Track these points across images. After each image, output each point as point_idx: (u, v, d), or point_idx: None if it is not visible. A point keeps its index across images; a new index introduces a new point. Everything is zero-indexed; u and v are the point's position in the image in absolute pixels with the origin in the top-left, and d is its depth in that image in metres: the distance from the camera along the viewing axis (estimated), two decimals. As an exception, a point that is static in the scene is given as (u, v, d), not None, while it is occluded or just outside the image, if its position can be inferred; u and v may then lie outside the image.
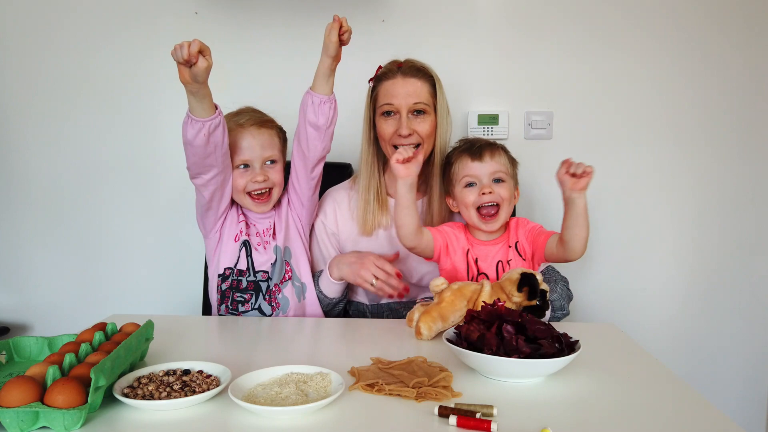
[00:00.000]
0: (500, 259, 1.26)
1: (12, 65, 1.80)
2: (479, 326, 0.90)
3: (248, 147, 1.27)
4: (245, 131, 1.28)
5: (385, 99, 1.34)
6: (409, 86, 1.32)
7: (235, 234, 1.32)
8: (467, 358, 0.87)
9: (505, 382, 0.86)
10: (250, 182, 1.27)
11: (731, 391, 1.85)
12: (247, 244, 1.32)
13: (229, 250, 1.31)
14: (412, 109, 1.32)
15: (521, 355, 0.83)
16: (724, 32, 1.74)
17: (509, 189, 1.23)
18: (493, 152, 1.23)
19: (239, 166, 1.28)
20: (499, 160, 1.23)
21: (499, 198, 1.21)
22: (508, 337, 0.85)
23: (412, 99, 1.32)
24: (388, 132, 1.34)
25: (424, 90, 1.33)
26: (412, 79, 1.33)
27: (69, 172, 1.83)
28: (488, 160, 1.22)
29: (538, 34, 1.76)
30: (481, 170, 1.22)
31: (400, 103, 1.32)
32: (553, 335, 0.87)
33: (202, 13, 1.73)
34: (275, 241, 1.33)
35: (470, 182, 1.23)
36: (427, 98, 1.33)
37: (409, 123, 1.32)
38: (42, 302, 1.88)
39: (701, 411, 0.77)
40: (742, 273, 1.82)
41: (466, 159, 1.24)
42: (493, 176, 1.22)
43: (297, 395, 0.78)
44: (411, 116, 1.33)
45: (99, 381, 0.72)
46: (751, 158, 1.78)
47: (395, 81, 1.33)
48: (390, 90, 1.33)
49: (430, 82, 1.35)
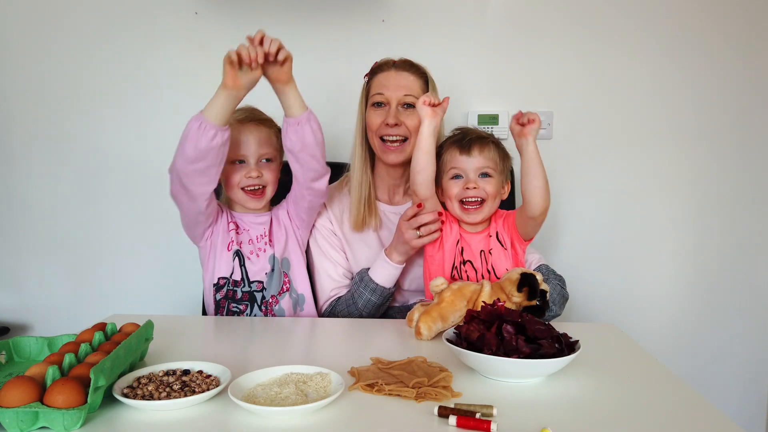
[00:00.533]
0: (482, 249, 1.26)
1: (12, 65, 1.80)
2: (479, 326, 0.90)
3: (245, 143, 1.27)
4: (243, 127, 1.27)
5: (377, 89, 1.34)
6: (402, 79, 1.33)
7: (227, 243, 1.30)
8: (467, 358, 0.87)
9: (504, 382, 0.86)
10: (244, 177, 1.27)
11: (731, 391, 1.85)
12: (240, 254, 1.30)
13: (223, 261, 1.30)
14: (402, 102, 1.32)
15: (521, 355, 0.83)
16: (724, 32, 1.74)
17: (496, 184, 1.23)
18: (482, 146, 1.22)
19: (234, 162, 1.27)
20: (488, 155, 1.22)
21: (483, 193, 1.22)
22: (508, 337, 0.85)
23: (403, 91, 1.32)
24: (375, 122, 1.34)
25: (416, 84, 1.34)
26: (405, 72, 1.34)
27: (69, 172, 1.83)
28: (476, 154, 1.22)
29: (538, 34, 1.76)
30: (468, 164, 1.22)
31: (390, 94, 1.32)
32: (553, 335, 0.87)
33: (202, 13, 1.73)
34: (272, 249, 1.32)
35: (456, 174, 1.24)
36: (419, 93, 1.33)
37: (398, 114, 1.32)
38: (42, 302, 1.88)
39: (701, 411, 0.77)
40: (742, 273, 1.82)
41: (455, 151, 1.23)
42: (480, 171, 1.22)
43: (297, 395, 0.78)
44: (401, 108, 1.33)
45: (99, 381, 0.72)
46: (750, 158, 1.78)
47: (388, 74, 1.34)
48: (382, 81, 1.34)
49: (423, 79, 1.36)
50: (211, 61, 1.74)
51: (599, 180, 1.77)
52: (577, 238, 1.82)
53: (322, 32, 1.77)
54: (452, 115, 1.79)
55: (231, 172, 1.27)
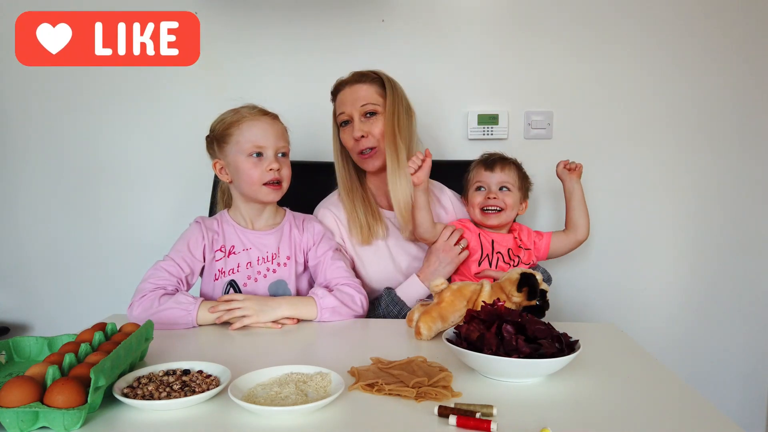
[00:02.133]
0: (510, 246, 1.38)
1: (12, 64, 1.79)
2: (479, 326, 0.90)
3: (263, 134, 1.24)
4: (258, 120, 1.25)
5: (340, 109, 1.41)
6: (356, 92, 1.38)
7: (213, 274, 1.29)
8: (467, 358, 0.87)
9: (505, 382, 0.86)
10: (266, 172, 1.24)
11: (731, 391, 1.85)
12: (234, 285, 1.28)
13: (216, 292, 1.29)
14: (363, 113, 1.37)
15: (521, 355, 0.83)
16: (724, 31, 1.74)
17: (514, 198, 1.37)
18: (504, 165, 1.38)
19: (252, 155, 1.24)
20: (509, 172, 1.38)
21: (502, 203, 1.36)
22: (508, 337, 0.85)
23: (360, 102, 1.37)
24: (348, 141, 1.40)
25: (371, 92, 1.38)
26: (357, 84, 1.39)
27: (69, 172, 1.83)
28: (498, 171, 1.37)
29: (538, 34, 1.76)
30: (490, 179, 1.37)
31: (350, 110, 1.38)
32: (553, 335, 0.87)
33: (202, 13, 1.73)
34: (274, 275, 1.30)
35: (480, 186, 1.38)
36: (376, 99, 1.38)
37: (361, 126, 1.37)
38: (42, 302, 1.88)
39: (701, 411, 0.77)
40: (742, 273, 1.82)
41: (480, 168, 1.39)
42: (501, 185, 1.37)
43: (297, 395, 0.78)
44: (363, 119, 1.38)
45: (99, 381, 0.72)
46: (751, 157, 1.78)
47: (344, 91, 1.40)
48: (341, 100, 1.40)
49: (378, 83, 1.39)
50: (210, 61, 1.75)
51: (599, 180, 1.77)
52: (577, 238, 1.82)
53: (322, 32, 1.77)
54: (452, 115, 1.80)
55: (249, 169, 1.24)
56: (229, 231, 1.31)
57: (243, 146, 1.24)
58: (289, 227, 1.35)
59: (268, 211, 1.34)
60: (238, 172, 1.25)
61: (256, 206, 1.32)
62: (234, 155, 1.25)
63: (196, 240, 1.27)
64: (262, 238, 1.31)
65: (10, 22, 1.39)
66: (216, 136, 1.29)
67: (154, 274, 1.21)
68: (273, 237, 1.32)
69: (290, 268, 1.32)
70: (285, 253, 1.32)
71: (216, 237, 1.30)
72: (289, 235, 1.34)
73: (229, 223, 1.32)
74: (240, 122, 1.25)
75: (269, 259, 1.30)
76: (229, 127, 1.26)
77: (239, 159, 1.24)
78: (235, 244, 1.30)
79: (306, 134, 1.71)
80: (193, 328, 1.17)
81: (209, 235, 1.29)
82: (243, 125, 1.24)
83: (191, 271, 1.25)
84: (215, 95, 1.76)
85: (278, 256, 1.31)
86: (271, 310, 1.18)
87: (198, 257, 1.27)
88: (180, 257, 1.24)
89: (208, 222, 1.31)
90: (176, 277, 1.22)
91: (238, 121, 1.25)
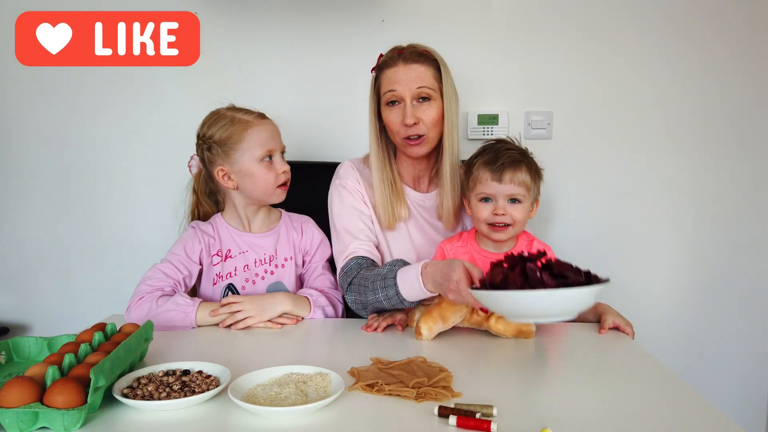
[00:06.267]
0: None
1: (12, 65, 1.79)
2: (503, 270, 0.87)
3: (271, 138, 1.26)
4: (264, 125, 1.26)
5: (388, 87, 1.28)
6: (412, 72, 1.26)
7: (212, 278, 1.29)
8: (493, 300, 0.83)
9: (507, 377, 0.85)
10: (281, 174, 1.27)
11: (731, 391, 1.85)
12: (233, 288, 1.29)
13: (215, 295, 1.29)
14: (417, 96, 1.26)
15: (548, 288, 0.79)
16: (723, 33, 1.74)
17: (524, 210, 1.22)
18: (515, 171, 1.20)
19: (264, 159, 1.25)
20: (520, 180, 1.20)
21: (510, 219, 1.20)
22: (532, 273, 0.82)
23: (416, 84, 1.25)
24: (395, 122, 1.29)
25: (428, 74, 1.27)
26: (414, 64, 1.26)
27: (69, 172, 1.83)
28: (507, 181, 1.20)
29: (538, 34, 1.75)
30: (498, 190, 1.20)
31: (403, 90, 1.26)
32: (579, 269, 0.84)
33: (201, 13, 1.73)
34: (272, 276, 1.31)
35: (486, 198, 1.22)
36: (432, 83, 1.27)
37: (414, 111, 1.25)
38: (42, 302, 1.88)
39: (701, 411, 0.77)
40: (741, 273, 1.82)
41: (487, 174, 1.21)
42: (510, 197, 1.21)
43: (297, 395, 0.78)
44: (416, 103, 1.27)
45: (98, 381, 0.72)
46: (750, 158, 1.78)
47: (397, 68, 1.27)
48: (392, 77, 1.27)
49: (434, 66, 1.28)
50: (210, 61, 1.75)
51: (598, 180, 1.77)
52: (576, 237, 1.81)
53: (321, 32, 1.77)
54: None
55: (264, 173, 1.25)
56: (225, 235, 1.31)
57: (256, 152, 1.24)
58: (285, 229, 1.35)
59: (263, 213, 1.34)
60: (251, 177, 1.25)
61: (254, 208, 1.32)
62: (246, 161, 1.24)
63: (193, 244, 1.28)
64: (258, 240, 1.31)
65: (10, 22, 1.40)
66: (218, 142, 1.26)
67: (152, 276, 1.21)
68: (270, 239, 1.32)
69: (290, 269, 1.32)
70: (283, 255, 1.32)
71: (212, 241, 1.30)
72: (287, 237, 1.34)
73: (225, 226, 1.32)
74: (248, 128, 1.24)
75: (266, 261, 1.31)
76: (235, 133, 1.24)
77: (252, 165, 1.24)
78: (232, 247, 1.30)
79: (306, 134, 1.71)
80: (193, 329, 1.17)
81: (205, 239, 1.29)
82: (252, 131, 1.24)
83: (189, 273, 1.26)
84: (215, 95, 1.75)
85: (276, 257, 1.31)
86: (271, 307, 1.18)
87: (195, 260, 1.27)
88: (177, 260, 1.25)
89: (204, 227, 1.32)
90: (174, 279, 1.23)
91: (245, 127, 1.24)
